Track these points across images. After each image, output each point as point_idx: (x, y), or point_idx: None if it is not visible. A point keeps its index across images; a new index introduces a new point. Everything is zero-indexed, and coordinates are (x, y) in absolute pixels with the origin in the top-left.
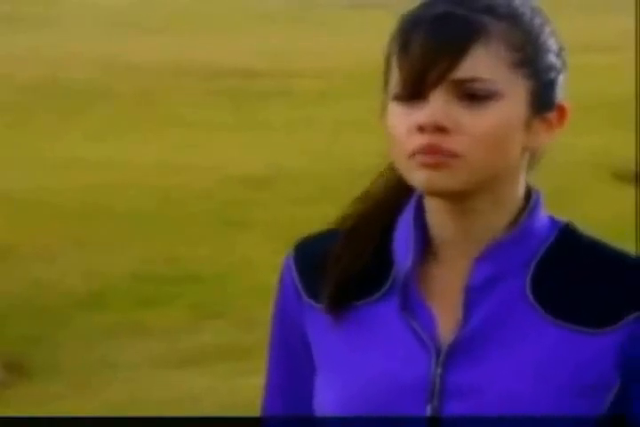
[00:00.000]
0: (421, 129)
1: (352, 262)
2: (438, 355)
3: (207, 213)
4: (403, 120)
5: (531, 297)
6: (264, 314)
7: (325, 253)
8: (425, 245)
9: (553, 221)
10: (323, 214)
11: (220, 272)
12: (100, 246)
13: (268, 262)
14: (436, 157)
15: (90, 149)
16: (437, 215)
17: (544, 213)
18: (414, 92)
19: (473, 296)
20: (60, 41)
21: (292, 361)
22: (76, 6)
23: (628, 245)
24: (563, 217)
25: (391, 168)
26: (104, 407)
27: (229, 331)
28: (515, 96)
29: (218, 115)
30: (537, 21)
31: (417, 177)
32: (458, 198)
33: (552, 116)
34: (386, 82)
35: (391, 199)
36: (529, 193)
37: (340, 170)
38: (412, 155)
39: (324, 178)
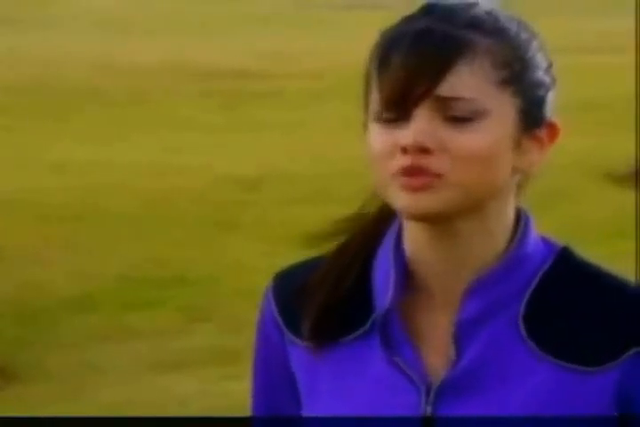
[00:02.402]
0: (404, 150)
1: (332, 292)
2: (428, 394)
3: (198, 215)
4: (384, 141)
5: (523, 332)
6: (254, 317)
7: (305, 283)
8: (407, 277)
9: (547, 244)
10: (315, 216)
11: (210, 274)
12: (89, 248)
13: (258, 265)
14: (419, 178)
15: (80, 149)
16: (419, 243)
17: (536, 236)
18: (396, 111)
19: (463, 332)
20: (53, 42)
21: (276, 399)
22: (68, 7)
23: (625, 245)
24: (558, 239)
25: (374, 194)
26: (93, 410)
27: (219, 334)
28: (502, 115)
29: (211, 116)
30: (524, 36)
31: (399, 200)
32: (442, 222)
33: (542, 133)
34: (366, 101)
35: (375, 225)
36: (518, 214)
37: (333, 171)
38: (394, 176)
39: (316, 179)
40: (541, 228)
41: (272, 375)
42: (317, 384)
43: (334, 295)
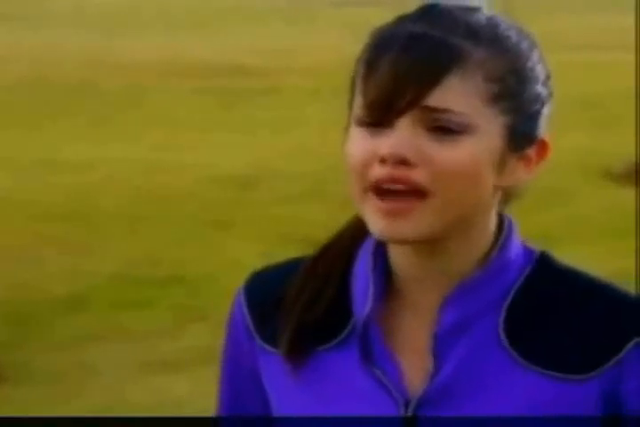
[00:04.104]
0: (383, 160)
1: (311, 305)
2: (406, 408)
3: (192, 214)
4: (363, 148)
5: (505, 341)
6: None
7: (280, 289)
8: (387, 286)
9: (527, 251)
10: (310, 215)
11: (204, 274)
12: (82, 247)
13: (253, 264)
14: (395, 202)
15: (73, 147)
16: (400, 255)
17: (518, 243)
18: (378, 118)
19: (442, 343)
20: (47, 39)
21: (244, 404)
22: (63, 4)
23: (625, 244)
24: (538, 247)
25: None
26: (85, 411)
27: (213, 334)
28: (489, 131)
29: (206, 113)
30: (523, 47)
31: (374, 224)
32: (422, 243)
33: (531, 152)
34: (350, 103)
35: (353, 231)
36: (501, 221)
37: (328, 169)
38: (369, 189)
39: (311, 177)
40: (540, 226)
41: (240, 381)
42: (290, 394)
43: (314, 308)
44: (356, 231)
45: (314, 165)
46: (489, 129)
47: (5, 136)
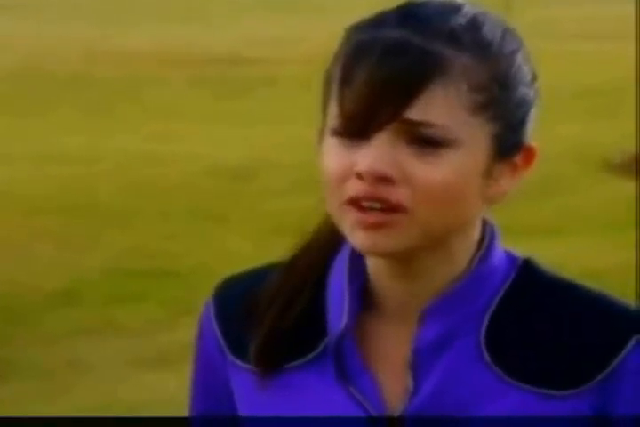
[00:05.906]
0: (360, 177)
1: (285, 309)
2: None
3: (186, 206)
4: (340, 160)
5: (487, 356)
6: None
7: (252, 299)
8: (363, 298)
9: (510, 258)
10: (305, 206)
11: (198, 267)
12: (75, 240)
13: (247, 257)
14: (374, 215)
15: (68, 139)
16: (378, 267)
17: (500, 251)
18: (355, 131)
19: (422, 359)
20: (41, 28)
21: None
22: None
23: (624, 236)
24: (522, 254)
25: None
26: (76, 409)
27: None
28: (474, 143)
29: (201, 104)
30: (508, 49)
31: (354, 237)
32: (403, 256)
33: (518, 159)
34: (324, 108)
35: (329, 238)
36: (483, 227)
37: None
38: (348, 206)
39: (307, 169)
40: (538, 218)
41: (211, 397)
42: (261, 410)
43: (284, 320)
44: (333, 235)
45: (309, 157)
46: (474, 140)
47: None
